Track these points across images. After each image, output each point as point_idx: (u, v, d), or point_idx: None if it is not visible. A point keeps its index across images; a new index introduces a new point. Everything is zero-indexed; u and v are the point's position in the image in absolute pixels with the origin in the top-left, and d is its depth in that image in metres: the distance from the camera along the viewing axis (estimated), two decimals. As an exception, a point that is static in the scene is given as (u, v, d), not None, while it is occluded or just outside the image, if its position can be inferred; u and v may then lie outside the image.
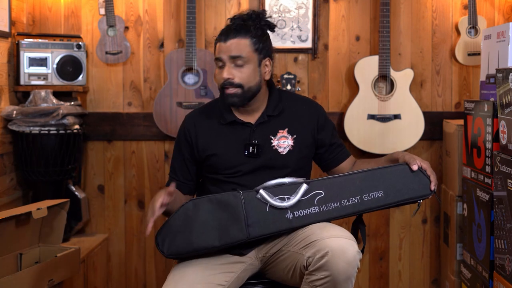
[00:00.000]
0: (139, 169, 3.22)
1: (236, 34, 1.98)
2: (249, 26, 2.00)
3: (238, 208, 1.87)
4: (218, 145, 2.05)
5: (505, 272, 2.13)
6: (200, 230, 1.86)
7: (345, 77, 3.21)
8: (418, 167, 1.91)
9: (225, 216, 1.87)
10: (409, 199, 1.91)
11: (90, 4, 3.15)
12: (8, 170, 2.85)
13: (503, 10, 3.20)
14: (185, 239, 1.86)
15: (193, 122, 2.11)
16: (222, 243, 1.85)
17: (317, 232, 1.82)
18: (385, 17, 3.02)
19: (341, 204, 1.88)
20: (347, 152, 2.21)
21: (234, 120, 2.06)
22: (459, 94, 3.23)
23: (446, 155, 3.08)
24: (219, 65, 2.01)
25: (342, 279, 1.74)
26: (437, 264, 3.25)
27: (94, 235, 3.15)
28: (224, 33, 2.00)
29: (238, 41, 1.97)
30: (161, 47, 3.18)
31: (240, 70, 1.98)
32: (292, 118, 2.09)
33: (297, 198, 1.87)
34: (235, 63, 1.98)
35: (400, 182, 1.90)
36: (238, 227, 1.86)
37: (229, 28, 2.00)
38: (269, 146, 2.04)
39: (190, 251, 1.87)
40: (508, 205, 2.09)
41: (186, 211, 1.89)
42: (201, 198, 1.92)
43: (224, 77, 1.97)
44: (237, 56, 1.97)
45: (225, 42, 1.98)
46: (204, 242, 1.85)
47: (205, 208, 1.89)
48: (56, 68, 2.99)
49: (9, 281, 2.02)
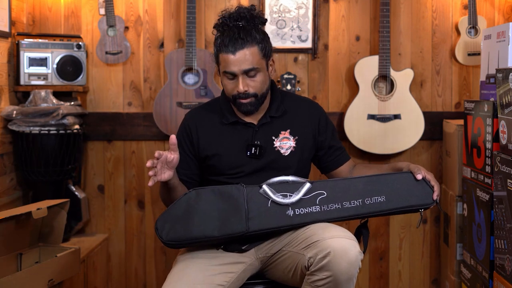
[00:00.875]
0: (139, 169, 3.22)
1: (243, 44, 1.94)
2: (250, 30, 1.96)
3: (240, 201, 1.87)
4: (220, 145, 2.04)
5: (505, 272, 2.13)
6: (201, 219, 1.85)
7: (345, 77, 3.21)
8: (422, 177, 1.92)
9: (226, 207, 1.87)
10: (410, 207, 1.92)
11: (90, 4, 3.15)
12: (8, 170, 2.85)
13: (503, 10, 3.20)
14: (185, 227, 1.85)
15: (195, 121, 2.09)
16: (221, 234, 1.85)
17: (318, 233, 1.82)
18: (385, 17, 3.02)
19: (343, 205, 1.89)
20: (346, 155, 2.20)
21: (236, 120, 2.05)
22: (459, 94, 3.23)
23: (446, 155, 3.08)
24: (229, 77, 1.98)
25: (344, 280, 1.74)
26: (437, 264, 3.25)
27: (94, 235, 3.15)
28: (230, 44, 1.94)
29: (248, 51, 1.94)
30: (161, 47, 3.18)
31: (253, 80, 1.97)
32: (294, 119, 2.09)
33: (299, 196, 1.88)
34: (248, 75, 1.97)
35: (403, 189, 1.91)
36: (238, 219, 1.85)
37: (234, 37, 1.94)
38: (271, 147, 2.04)
39: (189, 239, 1.86)
40: (508, 205, 2.09)
41: (188, 200, 1.88)
42: (205, 188, 1.91)
43: (241, 90, 1.96)
44: (250, 69, 1.95)
45: (234, 54, 1.93)
46: (203, 231, 1.85)
47: (208, 198, 1.88)
48: (56, 68, 2.99)
49: (9, 281, 2.02)
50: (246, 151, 2.02)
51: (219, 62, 2.00)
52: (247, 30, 1.96)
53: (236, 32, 1.95)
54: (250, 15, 1.99)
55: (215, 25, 2.02)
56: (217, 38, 1.99)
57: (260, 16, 2.02)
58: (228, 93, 2.01)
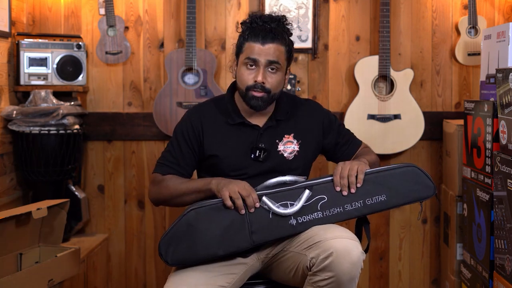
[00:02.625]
0: (139, 169, 3.22)
1: (274, 39, 1.96)
2: (281, 32, 1.99)
3: (241, 215, 1.85)
4: (224, 145, 2.02)
5: (505, 272, 2.13)
6: (203, 239, 1.84)
7: (345, 77, 3.21)
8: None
9: (228, 223, 1.84)
10: (411, 201, 1.92)
11: (90, 4, 3.15)
12: (8, 170, 2.85)
13: (503, 10, 3.20)
14: (188, 249, 1.84)
15: (200, 118, 2.05)
16: (226, 252, 1.84)
17: (320, 233, 1.81)
18: (385, 17, 3.02)
19: (344, 208, 1.88)
20: (355, 144, 2.19)
21: (242, 121, 2.04)
22: (459, 94, 3.23)
23: (446, 155, 3.08)
24: (250, 66, 1.97)
25: (346, 280, 1.74)
26: (437, 264, 3.25)
27: (94, 235, 3.15)
28: (261, 35, 1.96)
29: (276, 47, 1.96)
30: (161, 47, 3.18)
31: (272, 76, 1.97)
32: (297, 123, 2.09)
33: (300, 205, 1.86)
34: (270, 68, 1.97)
35: (403, 185, 1.91)
36: (242, 235, 1.84)
37: (266, 30, 1.96)
38: (275, 151, 2.03)
39: (194, 260, 1.85)
40: (508, 205, 2.09)
41: (187, 220, 1.85)
42: (203, 207, 1.87)
43: (259, 80, 1.95)
44: (275, 61, 1.96)
45: (263, 45, 1.95)
46: (207, 251, 1.83)
47: (208, 217, 1.85)
48: (56, 68, 2.99)
49: (9, 281, 2.01)
50: (250, 153, 2.01)
51: (242, 51, 2.00)
52: (278, 31, 1.98)
53: (268, 28, 1.97)
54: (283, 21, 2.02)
55: (243, 22, 2.04)
56: (246, 29, 2.00)
57: (289, 28, 2.05)
58: (243, 82, 1.99)
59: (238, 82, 2.02)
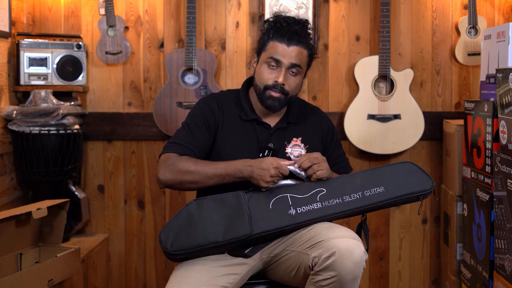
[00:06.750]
0: (139, 169, 3.22)
1: (299, 42, 1.98)
2: (306, 36, 2.01)
3: (242, 205, 1.88)
4: (235, 139, 2.04)
5: (505, 272, 2.13)
6: (204, 226, 1.86)
7: (345, 77, 3.21)
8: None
9: (228, 212, 1.88)
10: (410, 194, 1.92)
11: (90, 4, 3.15)
12: (8, 170, 2.85)
13: (503, 10, 3.20)
14: (189, 235, 1.86)
15: (219, 107, 2.06)
16: (226, 238, 1.85)
17: (323, 233, 1.82)
18: (385, 17, 3.02)
19: (343, 199, 1.90)
20: (347, 169, 2.20)
21: (256, 118, 2.07)
22: (459, 94, 3.23)
23: (446, 155, 3.08)
24: (272, 65, 1.99)
25: (348, 280, 1.75)
26: (437, 264, 3.25)
27: (94, 235, 3.15)
28: (287, 36, 1.98)
29: (300, 50, 1.99)
30: (161, 47, 3.18)
31: (292, 79, 2.00)
32: (306, 128, 2.12)
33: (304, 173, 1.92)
34: (291, 70, 1.99)
35: (400, 178, 1.93)
36: (241, 222, 1.86)
37: (291, 32, 1.98)
38: (283, 152, 2.05)
39: (194, 247, 1.85)
40: (508, 205, 2.09)
41: (189, 210, 1.90)
42: (205, 198, 1.93)
43: (280, 81, 1.97)
44: (297, 64, 1.98)
45: (288, 46, 1.97)
46: (208, 238, 1.85)
47: (209, 206, 1.90)
48: (56, 68, 2.99)
49: (9, 281, 2.01)
50: (259, 152, 2.03)
51: (265, 49, 2.01)
52: (303, 34, 2.00)
53: (293, 30, 1.99)
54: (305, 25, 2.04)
55: (267, 20, 2.06)
56: (270, 28, 2.02)
57: (310, 31, 2.07)
58: (262, 81, 2.01)
59: (257, 80, 2.04)
